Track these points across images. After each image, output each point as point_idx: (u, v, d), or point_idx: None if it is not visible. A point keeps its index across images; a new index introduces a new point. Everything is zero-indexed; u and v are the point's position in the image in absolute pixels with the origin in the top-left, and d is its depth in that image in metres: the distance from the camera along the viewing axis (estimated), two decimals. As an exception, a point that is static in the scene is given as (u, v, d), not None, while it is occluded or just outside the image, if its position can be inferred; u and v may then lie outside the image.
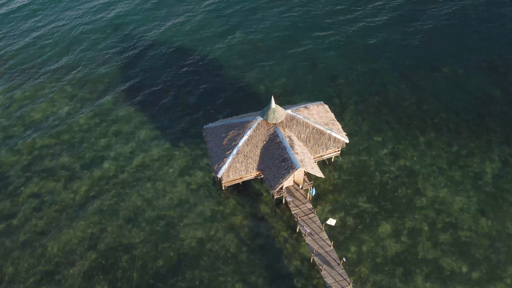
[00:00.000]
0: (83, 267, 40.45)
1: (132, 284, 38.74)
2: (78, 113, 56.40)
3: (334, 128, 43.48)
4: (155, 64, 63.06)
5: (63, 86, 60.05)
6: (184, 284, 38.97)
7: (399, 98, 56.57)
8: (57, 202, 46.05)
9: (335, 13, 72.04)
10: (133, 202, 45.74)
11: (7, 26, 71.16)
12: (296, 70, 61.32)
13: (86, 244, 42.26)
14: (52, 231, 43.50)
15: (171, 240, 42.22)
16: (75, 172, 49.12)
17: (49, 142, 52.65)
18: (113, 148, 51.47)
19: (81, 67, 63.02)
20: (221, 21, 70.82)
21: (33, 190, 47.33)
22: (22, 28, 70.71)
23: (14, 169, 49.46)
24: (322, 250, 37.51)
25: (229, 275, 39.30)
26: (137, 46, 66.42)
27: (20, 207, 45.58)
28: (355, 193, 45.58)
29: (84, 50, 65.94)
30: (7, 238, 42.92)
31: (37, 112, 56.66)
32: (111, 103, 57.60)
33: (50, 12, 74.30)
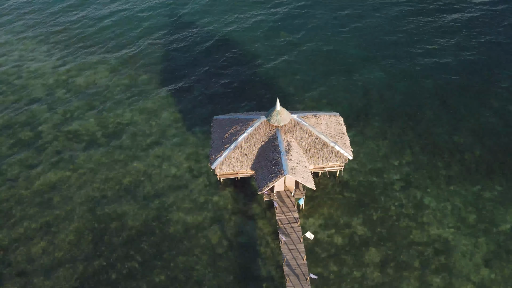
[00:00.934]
0: (77, 224, 43.61)
1: (113, 252, 40.96)
2: (114, 85, 60.28)
3: (340, 141, 41.88)
4: (198, 54, 64.73)
5: (110, 61, 64.26)
6: (160, 262, 40.37)
7: (431, 124, 52.75)
8: (74, 163, 49.90)
9: (391, 32, 68.78)
10: (137, 176, 48.12)
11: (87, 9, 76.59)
12: (330, 76, 59.82)
13: (87, 205, 45.41)
14: (62, 188, 47.33)
15: (160, 219, 43.84)
16: (96, 138, 52.83)
17: (82, 107, 57.02)
18: (134, 123, 54.40)
19: (131, 47, 66.83)
20: (271, 22, 70.97)
21: (57, 148, 51.79)
22: (98, 11, 75.98)
23: (46, 126, 54.43)
24: (294, 262, 36.63)
25: (203, 265, 39.97)
26: (186, 35, 68.80)
27: (41, 160, 50.18)
28: (352, 213, 43.67)
29: (139, 34, 69.45)
30: (24, 185, 47.53)
31: (81, 79, 61.47)
32: (146, 81, 60.76)
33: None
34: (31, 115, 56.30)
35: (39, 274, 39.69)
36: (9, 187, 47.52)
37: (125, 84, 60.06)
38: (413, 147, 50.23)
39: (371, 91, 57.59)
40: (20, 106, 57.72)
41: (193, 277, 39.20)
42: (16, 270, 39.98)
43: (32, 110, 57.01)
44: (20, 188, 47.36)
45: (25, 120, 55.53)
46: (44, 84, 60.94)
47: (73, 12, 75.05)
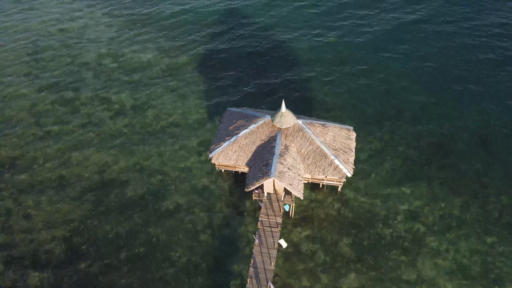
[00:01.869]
0: (85, 184, 47.09)
1: (107, 215, 43.67)
2: (157, 66, 63.46)
3: (342, 156, 40.12)
4: (245, 54, 65.08)
5: (161, 45, 67.63)
6: (144, 235, 42.22)
7: (461, 160, 48.27)
8: (99, 128, 53.75)
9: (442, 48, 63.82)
10: (149, 151, 50.51)
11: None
12: (364, 90, 57.31)
13: (98, 168, 48.79)
14: (83, 148, 51.32)
15: (157, 196, 45.69)
16: (125, 108, 56.28)
17: (121, 79, 61.01)
18: (162, 102, 56.98)
19: (185, 37, 69.57)
20: (323, 22, 69.76)
21: (89, 111, 56.14)
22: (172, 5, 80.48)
23: (86, 89, 59.20)
24: (262, 266, 36.12)
25: (182, 247, 41.04)
26: (240, 35, 69.75)
27: (72, 119, 54.76)
28: (343, 232, 41.77)
29: (198, 27, 71.92)
30: (53, 141, 52.34)
31: (130, 54, 65.70)
32: (185, 63, 63.20)
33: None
34: (77, 77, 61.51)
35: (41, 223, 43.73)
36: (41, 138, 52.61)
37: (166, 67, 62.85)
38: (433, 179, 46.41)
39: (404, 112, 54.06)
40: (71, 68, 63.35)
41: (169, 257, 40.42)
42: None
43: (80, 73, 62.25)
44: (48, 142, 52.18)
45: (71, 81, 60.84)
46: (97, 53, 66.04)
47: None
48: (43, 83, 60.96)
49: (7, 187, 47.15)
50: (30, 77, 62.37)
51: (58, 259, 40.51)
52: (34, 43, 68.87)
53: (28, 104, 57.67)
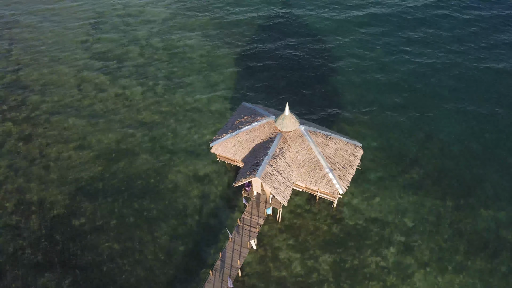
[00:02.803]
0: (102, 149, 50.55)
1: (111, 180, 46.51)
2: (199, 49, 65.65)
3: (339, 171, 38.55)
4: (288, 54, 65.07)
5: (208, 30, 70.09)
6: (137, 206, 44.38)
7: (482, 204, 44.03)
8: (129, 101, 57.13)
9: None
10: (166, 130, 52.69)
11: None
12: (396, 112, 54.28)
13: (117, 137, 52.00)
14: (109, 116, 54.95)
15: (161, 173, 47.61)
16: (157, 86, 59.13)
17: (163, 58, 64.06)
18: (193, 86, 58.94)
19: (231, 25, 71.35)
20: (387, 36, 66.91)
21: (124, 84, 59.82)
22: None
23: (129, 63, 63.02)
24: (230, 262, 36.22)
25: (167, 226, 42.51)
26: (287, 34, 69.95)
27: (108, 89, 58.79)
28: (326, 249, 40.32)
29: (253, 20, 73.82)
30: (85, 106, 56.73)
31: (177, 35, 68.69)
32: (224, 55, 64.59)
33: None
34: (124, 51, 65.76)
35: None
36: (78, 100, 57.33)
37: (206, 55, 64.77)
38: (443, 217, 42.82)
39: (433, 140, 50.25)
40: (123, 42, 67.89)
41: (153, 231, 42.08)
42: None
43: (128, 47, 66.48)
44: (81, 107, 56.68)
45: (118, 53, 65.27)
46: (149, 31, 69.91)
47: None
48: (94, 52, 66.02)
49: (38, 138, 52.10)
50: (85, 45, 67.88)
51: (58, 211, 44.11)
52: (97, 14, 74.71)
53: (76, 69, 62.91)
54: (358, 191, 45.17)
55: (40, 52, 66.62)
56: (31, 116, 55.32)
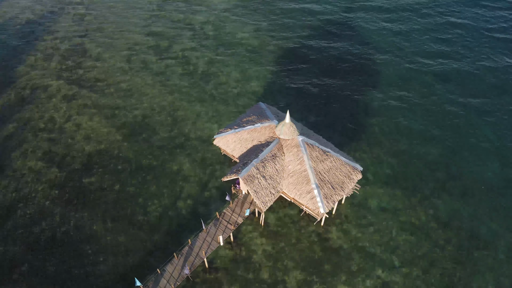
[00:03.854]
0: (130, 119, 54.46)
1: (128, 151, 50.15)
2: (248, 40, 67.01)
3: (327, 191, 37.40)
4: (335, 59, 64.14)
5: (261, 26, 71.13)
6: (140, 178, 47.28)
7: (489, 268, 39.62)
8: (168, 80, 60.49)
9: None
10: (189, 114, 55.07)
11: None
12: (429, 143, 50.68)
13: (145, 110, 55.59)
14: (146, 89, 58.78)
15: (170, 152, 50.04)
16: (197, 70, 61.74)
17: (212, 44, 66.48)
18: (230, 74, 60.55)
19: (286, 21, 71.52)
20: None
21: (168, 63, 63.30)
22: None
23: (179, 45, 66.48)
24: (197, 250, 37.35)
25: (159, 203, 44.79)
26: (339, 38, 68.39)
27: (153, 66, 62.76)
28: (300, 265, 39.54)
29: (310, 20, 73.14)
30: (129, 75, 61.21)
31: (229, 27, 70.75)
32: (271, 51, 65.15)
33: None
34: (178, 33, 69.38)
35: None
36: (124, 71, 62.11)
37: (252, 48, 65.94)
38: (436, 266, 39.45)
39: (456, 181, 46.11)
40: (178, 25, 71.72)
41: (146, 206, 44.64)
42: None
43: (182, 30, 70.08)
44: (127, 76, 61.26)
45: (172, 35, 69.12)
46: (205, 18, 72.93)
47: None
48: (151, 31, 70.62)
49: (79, 100, 57.66)
50: (147, 22, 72.87)
51: (75, 166, 48.76)
52: (165, -5, 79.68)
53: (131, 42, 67.98)
54: (355, 215, 43.29)
55: (107, 23, 72.97)
56: (81, 79, 61.21)
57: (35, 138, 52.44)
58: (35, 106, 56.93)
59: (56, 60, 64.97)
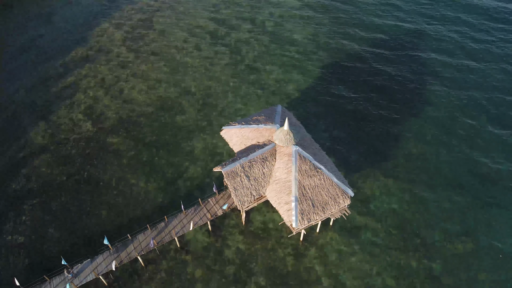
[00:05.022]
0: (160, 94, 58.11)
1: (158, 119, 53.83)
2: (302, 41, 66.55)
3: (305, 207, 36.45)
4: (390, 70, 61.18)
5: (320, 26, 69.78)
6: (155, 150, 50.43)
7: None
8: (213, 65, 62.91)
9: None
10: (219, 102, 56.83)
11: None
12: (454, 190, 46.17)
13: (185, 90, 58.66)
14: (193, 74, 61.96)
15: (189, 133, 52.40)
16: (245, 60, 63.09)
17: (264, 39, 67.37)
18: (270, 74, 61.06)
19: (345, 29, 69.45)
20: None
21: (215, 49, 65.67)
22: None
23: (234, 36, 68.51)
24: (171, 228, 39.18)
25: (163, 178, 47.47)
26: (395, 52, 64.56)
27: (203, 51, 65.64)
28: (266, 273, 39.31)
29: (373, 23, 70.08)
30: (179, 56, 64.89)
31: (290, 25, 70.90)
32: (321, 57, 63.97)
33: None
34: (235, 26, 71.28)
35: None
36: (178, 50, 65.92)
37: (304, 50, 65.44)
38: (407, 317, 36.41)
39: (469, 237, 41.50)
40: (239, 16, 73.46)
41: (150, 176, 47.63)
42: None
43: (241, 23, 71.78)
44: (178, 56, 65.04)
45: (234, 23, 71.30)
46: (267, 15, 73.77)
47: None
48: (215, 16, 73.59)
49: (131, 68, 62.79)
50: (216, 7, 76.08)
51: (106, 125, 53.70)
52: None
53: (194, 24, 71.63)
54: (341, 240, 41.50)
55: (180, 3, 77.71)
56: (139, 49, 66.48)
57: (83, 93, 58.63)
58: (94, 65, 63.39)
59: (125, 29, 71.19)
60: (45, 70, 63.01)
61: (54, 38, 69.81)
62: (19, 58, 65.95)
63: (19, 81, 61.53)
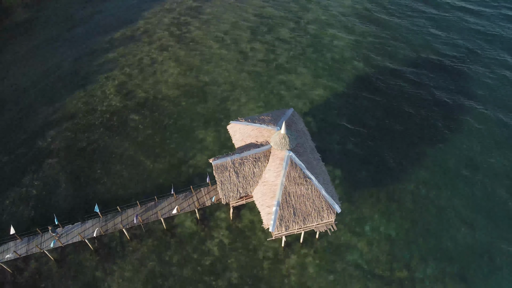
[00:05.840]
0: (189, 81, 59.95)
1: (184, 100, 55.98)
2: (341, 47, 65.08)
3: (286, 215, 36.02)
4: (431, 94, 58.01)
5: (366, 35, 67.42)
6: (168, 133, 52.42)
7: None
8: (245, 58, 63.65)
9: None
10: (243, 97, 57.38)
11: None
12: (464, 229, 42.99)
13: (207, 80, 60.19)
14: (229, 64, 63.32)
15: (206, 122, 53.63)
16: (278, 57, 63.19)
17: (304, 39, 66.81)
18: (298, 76, 60.45)
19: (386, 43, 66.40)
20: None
21: (258, 47, 66.23)
22: None
23: (276, 33, 68.67)
24: (159, 209, 40.73)
25: (169, 161, 49.29)
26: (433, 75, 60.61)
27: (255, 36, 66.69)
28: (241, 269, 39.60)
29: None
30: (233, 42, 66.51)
31: (331, 31, 69.43)
32: (350, 66, 62.15)
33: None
34: (281, 22, 71.21)
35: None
36: (221, 42, 67.69)
37: (338, 57, 63.97)
38: None
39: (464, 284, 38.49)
40: (294, 12, 73.26)
41: (157, 157, 49.64)
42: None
43: (287, 21, 71.53)
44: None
45: (277, 22, 71.42)
46: (317, 15, 72.77)
47: None
48: (261, 13, 74.09)
49: (170, 51, 65.37)
50: (264, 3, 76.50)
51: (131, 102, 56.66)
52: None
53: (239, 17, 72.68)
54: (324, 255, 40.47)
55: (229, -5, 79.26)
56: (180, 36, 69.03)
57: (120, 70, 62.31)
58: (136, 45, 66.98)
59: (173, 15, 74.16)
60: (94, 44, 67.74)
61: (109, 15, 74.66)
62: (76, 30, 71.54)
63: (70, 50, 66.87)
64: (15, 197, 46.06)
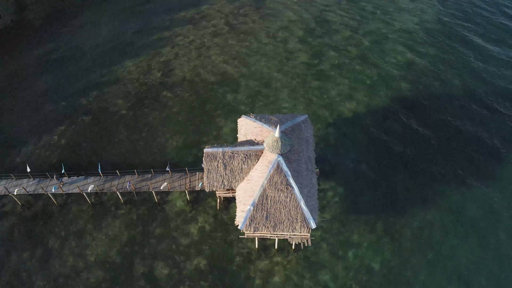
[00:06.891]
0: (222, 68, 61.48)
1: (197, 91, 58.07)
2: (394, 51, 61.87)
3: (258, 217, 35.96)
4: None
5: (423, 55, 62.98)
6: (190, 116, 54.71)
7: None
8: (288, 58, 63.43)
9: None
10: (272, 94, 57.52)
11: None
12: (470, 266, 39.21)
13: (242, 73, 61.17)
14: (263, 57, 63.80)
15: (227, 113, 54.80)
16: (321, 61, 62.14)
17: (351, 45, 64.69)
18: (337, 86, 58.79)
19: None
20: None
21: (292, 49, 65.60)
22: None
23: (331, 38, 67.21)
24: (152, 182, 43.10)
25: (182, 142, 51.53)
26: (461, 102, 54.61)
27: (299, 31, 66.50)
28: (211, 260, 40.50)
29: None
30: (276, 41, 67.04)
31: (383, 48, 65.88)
32: (397, 86, 58.73)
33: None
34: (339, 28, 69.29)
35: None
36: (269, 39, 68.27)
37: (384, 73, 60.52)
38: None
39: None
40: (360, 22, 71.03)
41: (173, 136, 52.17)
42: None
43: (343, 27, 69.43)
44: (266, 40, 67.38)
45: (337, 28, 69.76)
46: (378, 28, 69.45)
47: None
48: (322, 15, 72.57)
49: (220, 38, 67.42)
50: (328, 7, 74.92)
51: (169, 80, 59.99)
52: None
53: (298, 17, 72.17)
54: (296, 268, 39.64)
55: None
56: (235, 26, 70.59)
57: (170, 47, 65.98)
58: (192, 28, 70.23)
59: (234, 5, 75.96)
60: (156, 21, 72.39)
61: (178, -4, 78.96)
62: (147, 6, 76.91)
63: (134, 23, 72.33)
64: (47, 142, 51.77)
